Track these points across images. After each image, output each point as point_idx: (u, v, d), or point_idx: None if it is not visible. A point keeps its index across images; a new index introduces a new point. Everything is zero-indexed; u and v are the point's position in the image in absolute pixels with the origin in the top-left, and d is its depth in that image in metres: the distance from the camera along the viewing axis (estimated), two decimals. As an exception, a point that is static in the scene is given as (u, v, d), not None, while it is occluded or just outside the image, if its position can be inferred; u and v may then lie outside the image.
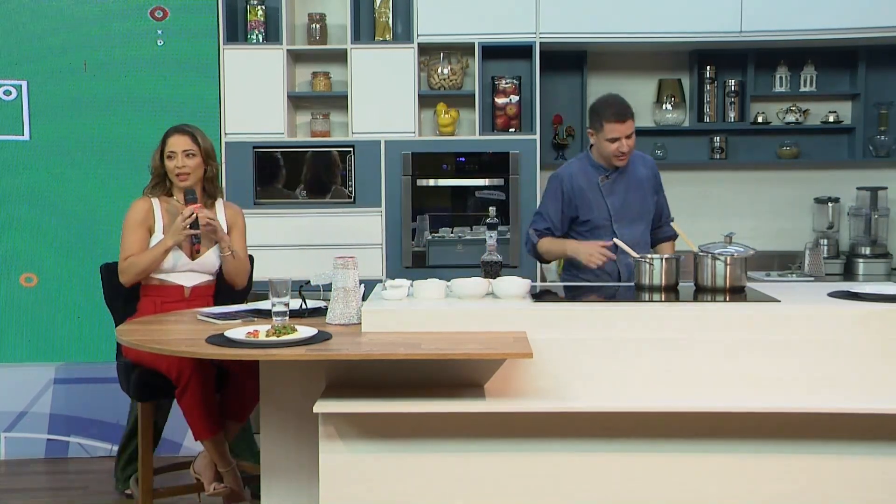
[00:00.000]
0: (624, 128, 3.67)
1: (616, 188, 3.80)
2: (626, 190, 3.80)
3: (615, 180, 3.80)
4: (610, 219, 3.77)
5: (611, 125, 3.67)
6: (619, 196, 3.79)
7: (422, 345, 2.65)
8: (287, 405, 3.00)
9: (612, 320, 2.88)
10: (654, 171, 3.91)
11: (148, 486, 3.36)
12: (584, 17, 4.73)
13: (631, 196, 3.80)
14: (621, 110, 3.70)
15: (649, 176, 3.87)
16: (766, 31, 4.74)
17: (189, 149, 3.49)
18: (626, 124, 3.68)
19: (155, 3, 4.67)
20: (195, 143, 3.50)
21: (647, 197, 3.84)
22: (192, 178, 3.50)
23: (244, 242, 3.65)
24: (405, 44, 4.78)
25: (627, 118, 3.69)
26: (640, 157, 3.92)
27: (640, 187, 3.83)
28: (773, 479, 2.78)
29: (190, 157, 3.49)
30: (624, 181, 3.81)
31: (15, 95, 4.66)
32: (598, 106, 3.77)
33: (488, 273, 3.31)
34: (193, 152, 3.50)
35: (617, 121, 3.67)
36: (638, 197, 3.82)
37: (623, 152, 3.71)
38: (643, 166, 3.88)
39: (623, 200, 3.79)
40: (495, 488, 2.78)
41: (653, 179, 3.88)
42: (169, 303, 3.47)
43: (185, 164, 3.48)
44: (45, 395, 4.70)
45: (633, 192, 3.81)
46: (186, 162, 3.48)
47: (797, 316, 2.89)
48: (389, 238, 4.77)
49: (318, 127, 4.92)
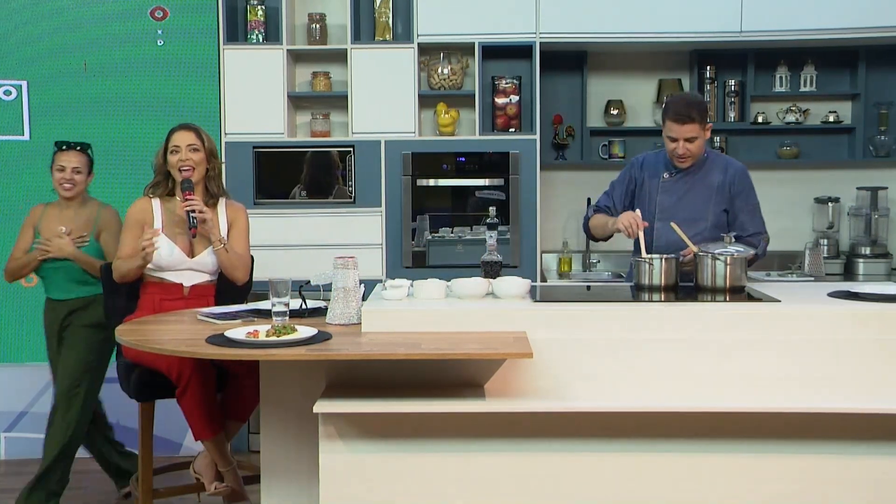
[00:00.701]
0: (682, 130, 3.52)
1: (676, 188, 3.67)
2: (686, 191, 3.65)
3: (679, 180, 3.67)
4: (654, 216, 3.64)
5: (669, 124, 3.55)
6: (674, 196, 3.66)
7: (422, 345, 2.65)
8: (287, 405, 3.00)
9: (613, 320, 2.88)
10: (733, 179, 3.65)
11: (148, 485, 3.37)
12: (585, 17, 4.73)
13: (690, 198, 3.64)
14: (682, 110, 3.52)
15: (722, 183, 3.65)
16: (766, 31, 4.74)
17: (193, 143, 3.51)
18: (686, 127, 3.51)
19: (155, 4, 4.68)
20: (199, 138, 3.52)
21: (708, 203, 3.63)
22: (195, 174, 3.51)
23: (244, 240, 3.63)
24: (405, 44, 4.78)
25: (688, 121, 3.51)
26: (726, 162, 3.72)
27: (703, 193, 3.65)
28: (772, 479, 2.78)
29: (194, 151, 3.50)
30: (688, 182, 3.66)
31: (15, 95, 4.66)
32: (667, 101, 3.67)
33: (488, 273, 3.31)
34: (197, 147, 3.51)
35: (675, 121, 3.53)
36: (698, 201, 3.64)
37: (679, 155, 3.58)
38: (721, 172, 3.66)
39: (678, 201, 3.65)
40: (495, 488, 2.78)
41: (726, 187, 3.64)
42: (168, 301, 3.48)
43: (189, 158, 3.49)
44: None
45: (694, 196, 3.64)
46: (190, 156, 3.49)
47: (797, 316, 2.89)
48: (389, 238, 4.77)
49: (319, 127, 4.92)
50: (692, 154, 3.60)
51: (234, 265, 3.53)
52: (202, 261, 3.51)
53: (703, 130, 3.57)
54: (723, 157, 3.77)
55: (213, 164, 3.56)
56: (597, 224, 3.78)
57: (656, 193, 3.70)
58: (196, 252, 3.52)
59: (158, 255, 3.45)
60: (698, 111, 3.55)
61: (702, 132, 3.57)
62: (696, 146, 3.58)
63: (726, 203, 3.66)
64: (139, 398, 3.35)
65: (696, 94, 3.96)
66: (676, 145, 3.57)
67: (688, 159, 3.61)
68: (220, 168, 3.61)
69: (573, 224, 5.25)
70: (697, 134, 3.55)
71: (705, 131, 3.59)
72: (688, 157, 3.60)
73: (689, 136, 3.54)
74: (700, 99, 3.73)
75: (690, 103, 3.59)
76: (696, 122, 3.52)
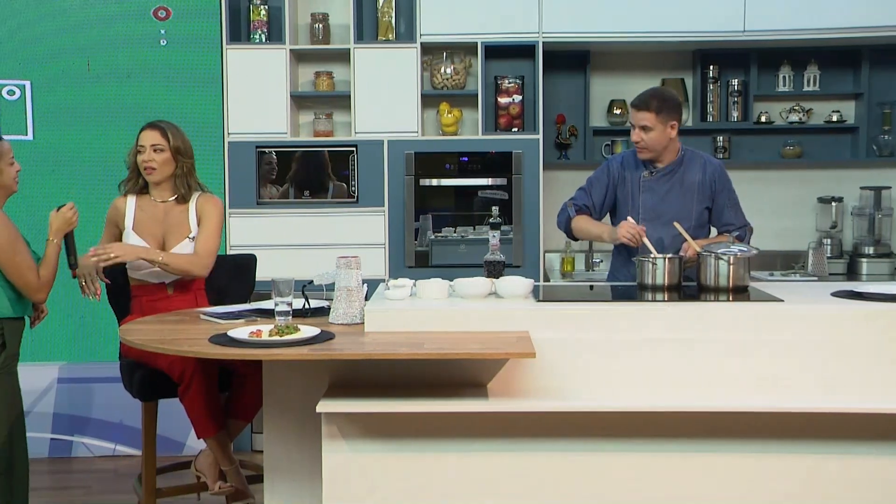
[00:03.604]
0: (637, 116, 3.57)
1: (657, 187, 3.66)
2: (667, 191, 3.65)
3: (659, 179, 3.66)
4: (639, 215, 3.62)
5: (630, 110, 3.63)
6: (656, 196, 3.65)
7: (424, 344, 2.65)
8: (290, 405, 3.00)
9: (616, 320, 2.88)
10: (712, 177, 3.65)
11: (151, 485, 3.37)
12: (587, 16, 4.73)
13: (672, 198, 3.64)
14: (641, 97, 3.59)
15: (702, 181, 3.64)
16: (770, 30, 4.74)
17: (157, 143, 3.50)
18: (641, 114, 3.55)
19: (158, 4, 4.68)
20: (164, 137, 3.50)
21: (690, 202, 3.63)
22: (158, 174, 3.51)
23: (210, 234, 3.51)
24: (408, 43, 4.78)
25: (643, 108, 3.55)
26: (704, 160, 3.70)
27: (685, 191, 3.64)
28: (777, 478, 2.78)
29: (158, 151, 3.50)
30: (669, 182, 3.65)
31: (18, 96, 4.67)
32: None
33: (491, 273, 3.30)
34: (161, 147, 3.50)
35: (633, 106, 3.61)
36: (679, 201, 3.63)
37: (634, 141, 3.61)
38: (700, 170, 3.66)
39: (660, 201, 3.64)
40: (498, 488, 2.78)
41: (707, 185, 3.64)
42: (154, 300, 3.48)
43: (153, 159, 3.49)
44: (48, 395, 4.70)
45: (675, 195, 3.64)
46: (154, 156, 3.50)
47: (800, 316, 2.88)
48: (392, 238, 4.77)
49: (321, 127, 4.92)
50: (647, 145, 3.58)
51: (185, 270, 3.44)
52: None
53: (661, 123, 3.55)
54: (700, 155, 3.74)
55: (181, 163, 3.53)
56: (582, 228, 3.73)
57: (638, 192, 3.68)
58: (167, 248, 3.50)
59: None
60: (658, 102, 3.56)
61: (658, 124, 3.55)
62: (651, 138, 3.56)
63: (707, 201, 3.67)
64: (142, 397, 3.36)
65: (668, 90, 3.98)
66: (633, 132, 3.60)
67: (643, 150, 3.61)
68: (189, 166, 3.55)
69: (576, 224, 5.24)
70: (651, 124, 3.54)
71: (665, 126, 3.57)
72: (642, 147, 3.60)
73: (643, 123, 3.55)
74: (667, 94, 3.73)
75: (653, 94, 3.63)
76: (651, 111, 3.53)
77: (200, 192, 3.61)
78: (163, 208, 3.55)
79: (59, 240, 3.36)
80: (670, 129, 3.58)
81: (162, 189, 3.55)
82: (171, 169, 3.53)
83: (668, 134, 3.58)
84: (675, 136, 3.62)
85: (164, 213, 3.55)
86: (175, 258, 3.44)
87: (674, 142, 3.64)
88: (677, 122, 3.61)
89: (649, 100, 3.57)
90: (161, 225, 3.53)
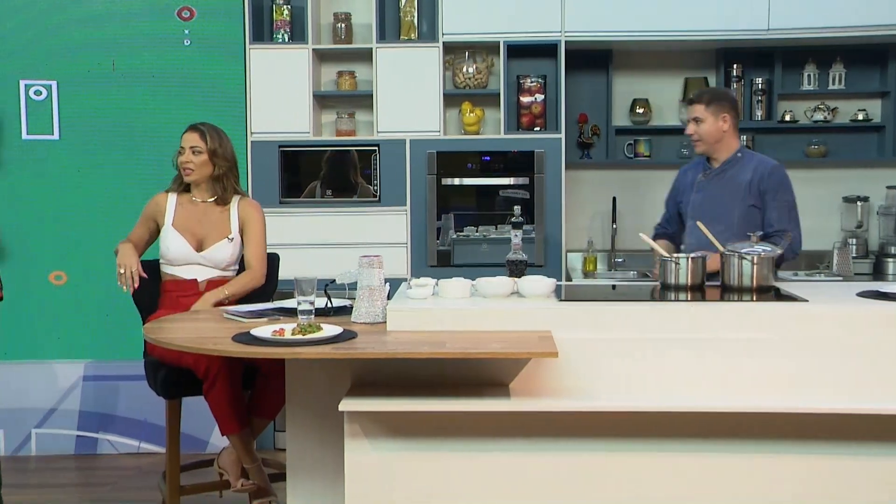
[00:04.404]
0: (690, 110, 3.78)
1: (708, 187, 3.79)
2: (717, 190, 3.75)
3: (712, 179, 3.79)
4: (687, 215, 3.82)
5: (686, 108, 3.85)
6: (706, 194, 3.78)
7: (447, 344, 2.65)
8: (313, 403, 3.01)
9: (638, 320, 2.87)
10: (762, 176, 3.71)
11: (175, 483, 3.39)
12: (610, 15, 4.72)
13: (719, 197, 3.74)
14: (694, 93, 3.86)
15: (750, 181, 3.71)
16: (794, 28, 4.70)
17: (195, 145, 3.58)
18: (693, 107, 3.76)
19: (182, 4, 4.71)
20: (202, 140, 3.58)
21: (734, 202, 3.72)
22: (195, 175, 3.59)
23: (258, 240, 3.62)
24: (430, 43, 4.79)
25: (695, 101, 3.77)
26: (759, 161, 3.78)
27: (733, 191, 3.72)
28: (802, 479, 2.76)
29: (196, 153, 3.57)
30: (720, 181, 3.77)
31: (45, 96, 4.71)
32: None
33: (513, 272, 3.30)
34: (199, 149, 3.57)
35: (687, 103, 3.86)
36: (725, 200, 3.72)
37: (689, 135, 3.79)
38: (751, 170, 3.73)
39: (708, 199, 3.76)
40: (520, 487, 2.78)
41: (754, 185, 3.70)
42: (185, 297, 3.52)
43: (190, 160, 3.58)
44: (74, 392, 4.75)
45: (723, 194, 3.73)
46: (191, 158, 3.58)
47: (825, 316, 2.86)
48: (414, 237, 4.78)
49: (344, 126, 4.93)
50: (700, 137, 3.76)
51: (249, 290, 3.56)
52: (211, 256, 3.56)
53: (712, 115, 3.73)
54: (757, 157, 3.83)
55: (218, 165, 3.59)
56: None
57: (692, 192, 3.86)
58: (205, 246, 3.56)
59: (167, 248, 3.56)
60: (709, 95, 3.79)
61: (709, 116, 3.73)
62: (703, 130, 3.74)
63: (755, 199, 3.71)
64: (166, 395, 3.38)
65: (722, 88, 4.31)
66: (687, 127, 3.78)
67: (698, 143, 3.79)
68: (226, 168, 3.62)
69: (598, 223, 5.24)
70: (703, 116, 3.73)
71: (717, 119, 3.73)
72: (696, 140, 3.77)
73: (695, 116, 3.75)
74: (720, 90, 3.94)
75: (706, 90, 3.88)
76: (702, 103, 3.74)
77: (240, 195, 3.67)
78: (202, 208, 3.63)
79: None
80: (722, 122, 3.74)
81: (202, 189, 3.63)
82: (209, 170, 3.59)
83: (721, 126, 3.74)
84: (728, 129, 3.76)
85: (204, 212, 3.62)
86: (237, 286, 3.53)
87: (729, 136, 3.78)
88: (729, 116, 3.76)
89: (701, 94, 3.82)
90: (200, 224, 3.59)
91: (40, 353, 4.77)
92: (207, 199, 3.64)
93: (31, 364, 4.74)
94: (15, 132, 4.71)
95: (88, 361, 4.76)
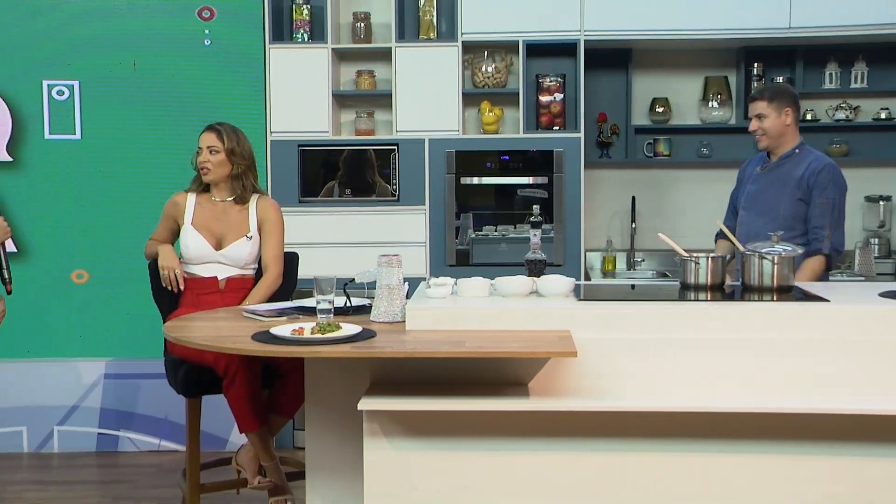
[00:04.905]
0: (752, 107, 3.86)
1: (763, 179, 3.89)
2: (770, 184, 3.85)
3: (768, 173, 3.89)
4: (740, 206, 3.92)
5: (749, 106, 3.91)
6: (759, 187, 3.88)
7: (466, 343, 2.65)
8: (332, 402, 3.02)
9: (658, 319, 2.85)
10: (812, 172, 3.76)
11: (195, 480, 3.41)
12: (629, 14, 4.70)
13: (770, 190, 3.84)
14: (755, 90, 4.02)
15: (801, 177, 3.77)
16: (816, 26, 4.67)
17: (212, 145, 3.60)
18: (754, 104, 3.84)
19: (202, 4, 4.73)
20: (219, 140, 3.60)
21: (782, 196, 3.79)
22: (212, 174, 3.60)
23: (276, 239, 3.64)
24: (449, 42, 4.79)
25: (757, 98, 3.85)
26: (814, 158, 3.83)
27: (784, 185, 3.81)
28: (822, 480, 2.74)
29: (213, 153, 3.59)
30: (775, 175, 3.86)
31: (67, 95, 4.75)
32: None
33: (532, 271, 3.30)
34: (216, 149, 3.59)
35: (749, 100, 3.94)
36: (775, 194, 3.82)
37: (752, 131, 3.86)
38: (804, 167, 3.79)
39: (760, 192, 3.87)
40: (538, 487, 2.77)
41: (804, 181, 3.76)
42: (205, 295, 3.55)
43: (208, 160, 3.60)
44: (95, 390, 4.78)
45: (774, 188, 3.84)
46: (209, 158, 3.60)
47: (847, 316, 2.84)
48: (433, 236, 4.78)
49: (363, 125, 4.94)
50: (765, 132, 3.82)
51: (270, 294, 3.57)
52: (230, 254, 3.57)
53: (774, 110, 3.80)
54: (813, 154, 3.88)
55: (236, 165, 3.61)
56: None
57: (748, 184, 3.96)
58: (224, 245, 3.58)
59: (186, 246, 3.58)
60: (770, 92, 3.86)
61: (772, 111, 3.80)
62: (768, 125, 3.81)
63: (803, 194, 3.79)
64: (186, 394, 3.40)
65: (783, 84, 4.50)
66: (751, 124, 3.87)
67: (762, 138, 3.84)
68: (244, 167, 3.63)
69: (617, 222, 5.22)
70: (765, 111, 3.80)
71: (780, 114, 3.80)
72: (760, 135, 3.83)
73: (757, 112, 3.82)
74: (782, 86, 4.12)
75: (767, 86, 4.03)
76: (764, 99, 3.81)
77: (259, 194, 3.68)
78: (221, 207, 3.65)
79: None
80: (785, 117, 3.81)
81: (220, 189, 3.65)
82: (227, 170, 3.61)
83: (784, 121, 3.81)
84: (790, 123, 3.82)
85: (223, 211, 3.64)
86: (259, 296, 3.53)
87: (791, 130, 3.84)
88: (791, 110, 3.82)
89: (763, 90, 3.92)
90: (219, 222, 3.62)
91: (62, 351, 4.81)
92: (226, 198, 3.66)
93: (54, 362, 4.78)
94: (38, 132, 4.75)
95: (110, 359, 4.80)
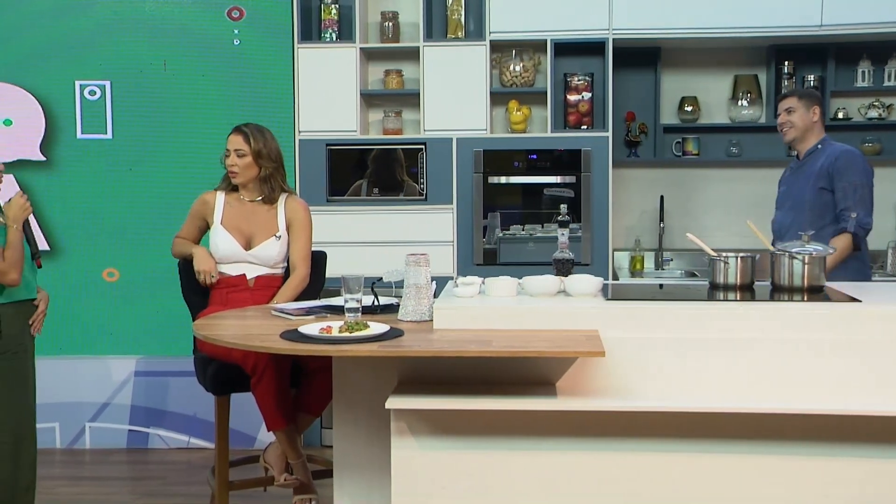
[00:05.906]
0: (782, 103, 4.05)
1: (791, 178, 4.09)
2: (796, 181, 4.03)
3: (796, 170, 4.07)
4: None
5: (779, 104, 4.10)
6: (788, 186, 4.08)
7: (493, 342, 2.65)
8: (359, 401, 3.03)
9: (686, 319, 2.84)
10: (834, 160, 3.90)
11: (224, 477, 3.44)
12: (658, 12, 4.68)
13: (797, 186, 4.00)
14: (786, 91, 4.31)
15: (822, 166, 3.92)
16: (848, 24, 4.62)
17: (239, 148, 3.61)
18: (785, 101, 4.03)
19: (232, 4, 4.77)
20: (246, 142, 3.60)
21: (806, 188, 3.95)
22: (241, 177, 3.62)
23: (304, 239, 3.66)
24: (477, 41, 4.79)
25: (788, 96, 4.05)
26: (836, 150, 3.96)
27: (807, 178, 3.96)
28: (851, 481, 2.71)
29: (240, 156, 3.61)
30: (800, 172, 4.03)
31: (99, 95, 4.80)
32: None
33: (560, 271, 3.29)
34: (244, 152, 3.60)
35: (779, 99, 4.13)
36: (800, 188, 3.98)
37: (780, 124, 4.04)
38: (826, 158, 3.94)
39: (788, 191, 4.06)
40: (566, 486, 2.77)
41: (825, 169, 3.90)
42: (234, 293, 3.57)
43: (235, 163, 3.62)
44: (126, 387, 4.83)
45: (799, 183, 4.00)
46: (236, 161, 3.61)
47: (879, 317, 2.80)
48: (461, 235, 4.78)
49: (391, 124, 4.95)
50: (793, 124, 3.99)
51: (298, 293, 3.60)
52: (259, 253, 3.59)
53: (803, 106, 3.98)
54: (833, 145, 4.00)
55: (263, 166, 3.63)
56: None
57: (781, 188, 4.15)
58: (253, 244, 3.60)
59: (216, 246, 3.60)
60: (800, 91, 4.13)
61: (801, 107, 3.98)
62: (795, 118, 3.99)
63: (825, 182, 3.91)
64: (215, 392, 3.43)
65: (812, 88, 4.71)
66: (779, 119, 4.05)
67: (788, 130, 4.01)
68: (272, 168, 3.64)
69: (645, 222, 5.19)
70: (795, 106, 3.99)
71: (808, 110, 3.98)
72: (788, 127, 4.01)
73: (787, 107, 4.01)
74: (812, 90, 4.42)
75: (796, 88, 4.29)
76: (794, 96, 4.03)
77: (287, 193, 3.70)
78: (250, 207, 3.67)
79: (19, 226, 3.21)
80: (813, 114, 3.99)
81: (249, 189, 3.67)
82: (254, 172, 3.63)
83: (811, 117, 3.99)
84: (817, 120, 4.00)
85: (252, 211, 3.66)
86: (286, 295, 3.55)
87: (818, 126, 4.02)
88: (819, 109, 4.01)
89: (793, 90, 4.17)
90: (248, 222, 3.63)
91: (94, 348, 4.86)
92: (255, 198, 3.67)
93: (85, 359, 4.84)
94: (70, 131, 4.81)
95: (140, 357, 4.85)
